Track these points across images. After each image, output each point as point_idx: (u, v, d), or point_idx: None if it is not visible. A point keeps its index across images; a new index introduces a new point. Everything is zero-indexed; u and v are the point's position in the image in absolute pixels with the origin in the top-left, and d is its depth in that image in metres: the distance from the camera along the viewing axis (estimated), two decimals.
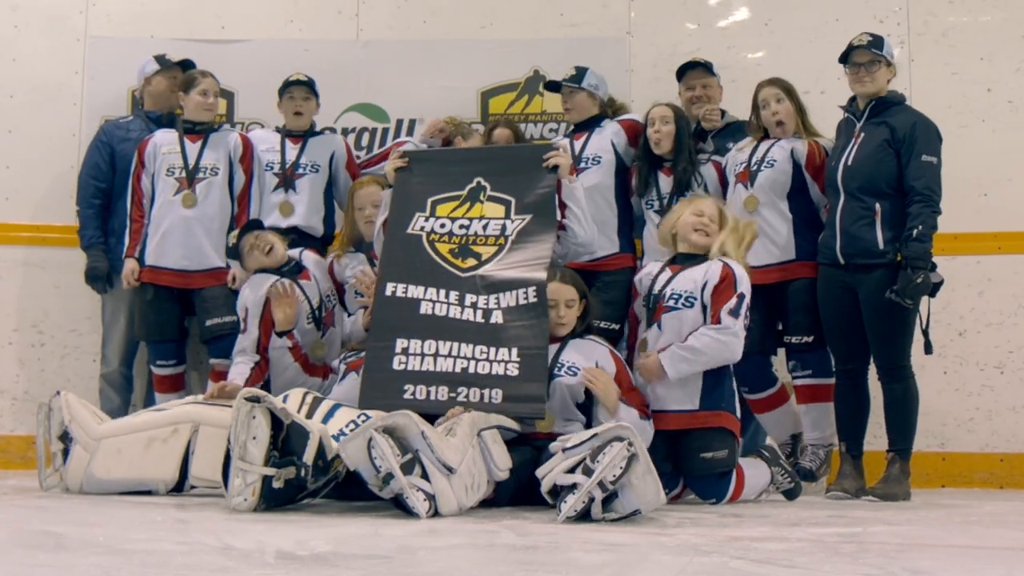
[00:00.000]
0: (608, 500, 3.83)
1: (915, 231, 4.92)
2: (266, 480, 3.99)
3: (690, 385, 4.68)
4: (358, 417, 4.37)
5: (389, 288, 4.81)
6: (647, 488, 3.82)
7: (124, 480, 4.58)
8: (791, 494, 4.86)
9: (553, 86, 5.73)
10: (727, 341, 4.63)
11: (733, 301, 4.64)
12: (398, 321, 4.73)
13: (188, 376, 5.72)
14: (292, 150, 5.71)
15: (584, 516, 3.83)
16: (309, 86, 5.76)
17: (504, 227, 4.93)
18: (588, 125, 5.62)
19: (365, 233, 5.36)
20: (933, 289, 4.98)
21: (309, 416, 4.32)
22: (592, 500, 3.81)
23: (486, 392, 4.53)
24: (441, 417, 4.32)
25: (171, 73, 5.91)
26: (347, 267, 5.37)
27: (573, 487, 3.86)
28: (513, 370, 4.57)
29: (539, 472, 4.06)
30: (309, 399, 4.47)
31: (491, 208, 4.98)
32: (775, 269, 5.25)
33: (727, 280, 4.68)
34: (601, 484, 3.78)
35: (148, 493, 4.58)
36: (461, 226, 4.96)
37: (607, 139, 5.55)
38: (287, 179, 5.65)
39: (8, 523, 3.84)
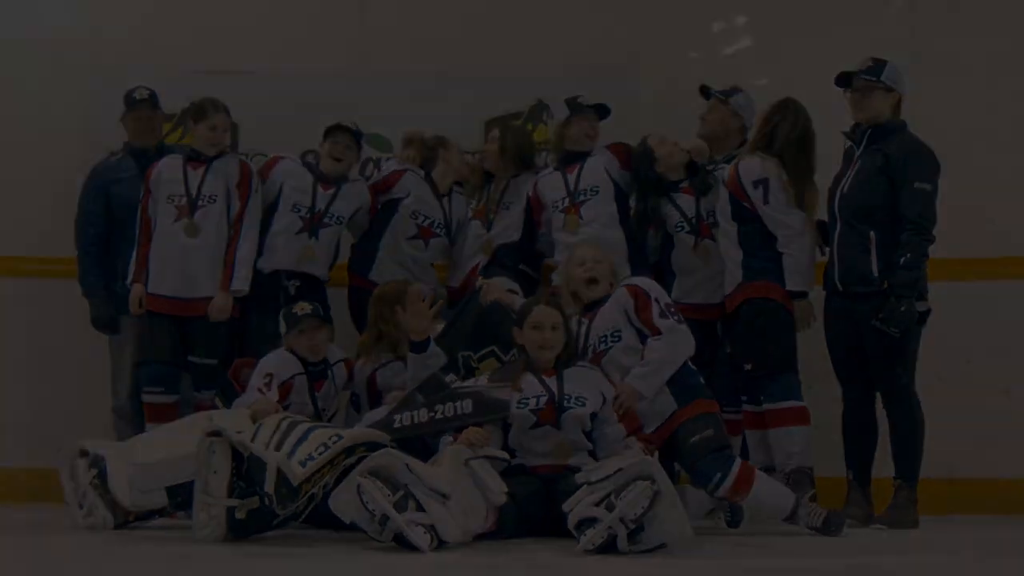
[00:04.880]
0: (634, 533, 3.81)
1: (903, 259, 4.91)
2: (230, 511, 4.07)
3: (660, 401, 4.68)
4: (329, 439, 4.28)
5: (397, 422, 4.71)
6: (673, 522, 3.82)
7: (168, 459, 4.56)
8: (828, 528, 4.56)
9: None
10: (675, 339, 4.71)
11: (655, 308, 4.72)
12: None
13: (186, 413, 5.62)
14: (323, 197, 5.66)
15: (610, 548, 3.80)
16: (356, 136, 5.75)
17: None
18: (578, 156, 5.58)
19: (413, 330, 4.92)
20: (920, 317, 4.97)
21: (281, 442, 4.26)
22: (616, 535, 3.79)
23: (458, 404, 4.57)
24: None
25: (137, 113, 5.86)
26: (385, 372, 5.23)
27: (595, 520, 3.84)
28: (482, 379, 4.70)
29: (566, 506, 4.01)
30: (284, 425, 4.34)
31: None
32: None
33: (640, 297, 4.76)
34: (623, 520, 3.77)
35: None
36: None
37: (600, 167, 5.52)
38: (313, 226, 5.63)
39: (11, 563, 3.82)
